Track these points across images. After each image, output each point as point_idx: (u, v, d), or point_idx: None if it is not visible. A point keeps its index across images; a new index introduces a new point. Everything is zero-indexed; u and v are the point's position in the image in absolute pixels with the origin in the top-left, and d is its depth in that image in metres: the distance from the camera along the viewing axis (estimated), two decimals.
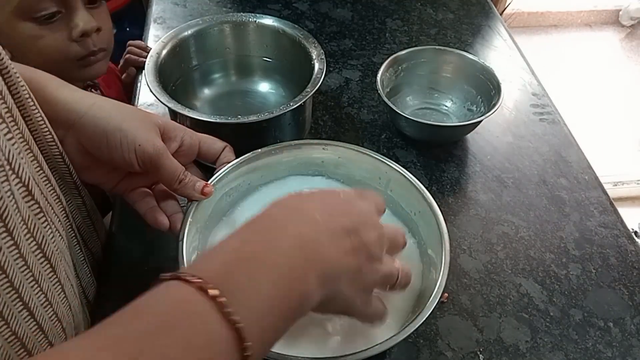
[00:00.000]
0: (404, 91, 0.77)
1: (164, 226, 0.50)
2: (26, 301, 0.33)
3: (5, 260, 0.31)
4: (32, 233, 0.34)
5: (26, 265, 0.33)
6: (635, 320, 0.56)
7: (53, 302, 0.37)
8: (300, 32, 0.69)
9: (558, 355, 0.53)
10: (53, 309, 0.37)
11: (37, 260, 0.35)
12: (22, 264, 0.33)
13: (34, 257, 0.35)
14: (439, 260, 0.47)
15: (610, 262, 0.61)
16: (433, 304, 0.43)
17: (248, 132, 0.61)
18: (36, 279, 0.34)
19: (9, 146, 0.32)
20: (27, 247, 0.34)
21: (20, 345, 0.33)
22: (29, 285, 0.33)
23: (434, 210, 0.50)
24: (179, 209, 0.51)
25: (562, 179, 0.70)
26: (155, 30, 0.89)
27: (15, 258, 0.32)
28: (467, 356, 0.52)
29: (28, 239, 0.34)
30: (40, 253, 0.36)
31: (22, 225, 0.33)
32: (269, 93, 0.76)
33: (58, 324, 0.38)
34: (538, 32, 2.53)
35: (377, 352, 0.41)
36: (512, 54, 0.90)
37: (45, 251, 0.36)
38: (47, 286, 0.36)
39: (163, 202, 0.52)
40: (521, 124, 0.77)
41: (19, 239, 0.32)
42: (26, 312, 0.33)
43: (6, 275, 0.31)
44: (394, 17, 0.95)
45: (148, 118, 0.49)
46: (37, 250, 0.35)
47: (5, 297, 0.31)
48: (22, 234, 0.33)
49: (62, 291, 0.39)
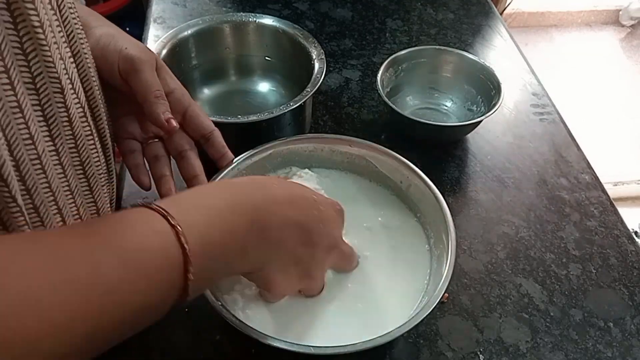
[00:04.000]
0: (404, 91, 0.77)
1: (144, 185, 0.49)
2: (60, 206, 0.35)
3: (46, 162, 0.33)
4: (78, 149, 0.36)
5: (64, 176, 0.35)
6: (635, 320, 0.56)
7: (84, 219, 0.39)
8: (300, 32, 0.69)
9: (558, 356, 0.53)
10: None
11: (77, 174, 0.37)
12: (60, 172, 0.35)
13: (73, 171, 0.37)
14: (444, 261, 0.47)
15: (610, 262, 0.61)
16: (433, 303, 0.43)
17: (248, 132, 0.61)
18: (72, 191, 0.36)
19: (71, 68, 0.35)
20: (70, 159, 0.36)
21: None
22: (64, 194, 0.36)
23: (446, 218, 0.50)
24: (167, 172, 0.50)
25: (562, 179, 0.70)
26: (155, 30, 0.89)
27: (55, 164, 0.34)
28: (467, 356, 0.52)
29: (72, 152, 0.36)
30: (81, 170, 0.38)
31: (70, 138, 0.36)
32: (269, 93, 0.76)
33: None
34: (538, 32, 2.53)
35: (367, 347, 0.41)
36: (512, 54, 0.90)
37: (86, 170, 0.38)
38: (81, 201, 0.38)
39: (152, 163, 0.51)
40: (521, 124, 0.77)
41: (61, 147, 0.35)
42: (59, 217, 0.36)
43: (45, 176, 0.33)
44: (394, 17, 0.95)
45: (147, 48, 0.48)
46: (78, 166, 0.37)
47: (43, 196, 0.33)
48: (67, 146, 0.36)
49: (96, 213, 0.41)
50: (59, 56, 0.33)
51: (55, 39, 0.33)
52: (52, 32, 0.32)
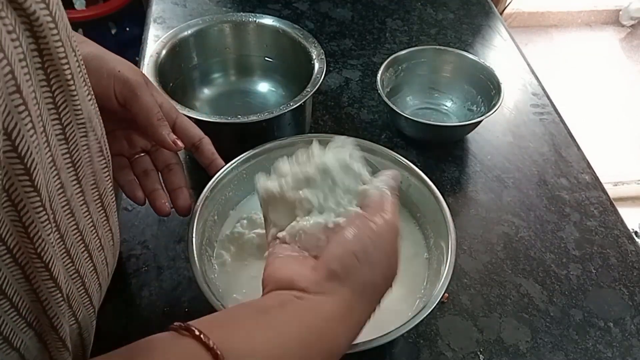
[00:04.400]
0: (404, 91, 0.77)
1: (139, 201, 0.50)
2: (87, 243, 0.35)
3: (74, 205, 0.32)
4: (97, 184, 0.36)
5: (88, 212, 0.35)
6: (635, 320, 0.56)
7: (105, 248, 0.39)
8: (300, 32, 0.69)
9: (558, 356, 0.53)
10: (104, 253, 0.39)
11: (97, 208, 0.37)
12: (85, 210, 0.35)
13: (94, 206, 0.36)
14: (444, 261, 0.47)
15: (610, 262, 0.61)
16: (433, 303, 0.43)
17: (248, 132, 0.61)
18: (95, 225, 0.36)
19: (89, 106, 0.34)
20: (91, 195, 0.36)
21: (80, 282, 0.35)
22: (89, 229, 0.35)
23: (446, 218, 0.50)
24: (158, 186, 0.51)
25: (562, 179, 0.70)
26: (155, 30, 0.89)
27: (81, 204, 0.34)
28: (467, 356, 0.52)
29: (93, 189, 0.36)
30: (99, 202, 0.37)
31: (91, 176, 0.35)
32: (269, 93, 0.76)
33: (106, 268, 0.40)
34: (538, 32, 2.53)
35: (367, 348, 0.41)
36: (512, 54, 0.90)
37: (104, 202, 0.38)
38: (102, 233, 0.38)
39: (142, 178, 0.51)
40: (521, 124, 0.77)
41: (85, 187, 0.34)
42: (87, 254, 0.35)
43: (74, 219, 0.33)
44: (394, 17, 0.95)
45: (132, 64, 0.48)
46: (97, 200, 0.37)
47: (72, 238, 0.33)
48: (89, 184, 0.35)
49: (111, 239, 0.40)
50: (87, 97, 0.33)
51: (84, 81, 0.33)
52: (81, 76, 0.32)
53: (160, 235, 0.60)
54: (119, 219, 0.61)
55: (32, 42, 0.26)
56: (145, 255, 0.59)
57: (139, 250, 0.59)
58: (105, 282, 0.41)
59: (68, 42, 0.30)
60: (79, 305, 0.36)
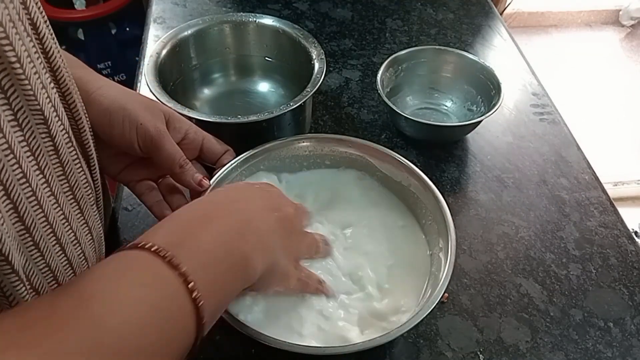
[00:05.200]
0: (404, 91, 0.77)
1: None
2: (59, 236, 0.35)
3: (40, 196, 0.33)
4: (66, 175, 0.36)
5: (58, 204, 0.35)
6: (635, 320, 0.56)
7: (82, 242, 0.39)
8: (300, 32, 0.69)
9: (558, 355, 0.53)
10: (81, 248, 0.39)
11: (68, 201, 0.37)
12: (54, 202, 0.35)
13: (65, 198, 0.37)
14: (444, 261, 0.47)
15: (610, 262, 0.61)
16: (433, 303, 0.44)
17: (248, 132, 0.61)
18: (67, 217, 0.36)
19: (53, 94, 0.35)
20: (60, 187, 0.36)
21: (52, 276, 0.35)
22: (61, 222, 0.35)
23: (446, 218, 0.50)
24: (185, 203, 0.52)
25: (562, 179, 0.70)
26: (155, 30, 0.89)
27: (48, 195, 0.34)
28: (467, 356, 0.52)
29: (61, 180, 0.36)
30: (71, 195, 0.38)
31: (57, 166, 0.35)
32: (269, 93, 0.76)
33: (85, 262, 0.40)
34: (538, 32, 2.53)
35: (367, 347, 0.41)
36: (512, 54, 0.90)
37: (76, 194, 0.38)
38: (76, 226, 0.38)
39: (169, 196, 0.53)
40: (521, 124, 0.77)
41: (50, 177, 0.34)
42: (58, 247, 0.35)
43: (42, 210, 0.33)
44: (394, 17, 0.95)
45: (153, 104, 0.50)
46: (68, 192, 0.37)
47: (42, 231, 0.33)
48: (56, 175, 0.35)
49: (89, 233, 0.41)
50: (40, 85, 0.32)
51: (35, 69, 0.32)
52: (31, 62, 0.31)
53: None
54: (119, 219, 0.62)
55: None
56: None
57: None
58: None
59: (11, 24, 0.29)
60: None
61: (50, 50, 0.36)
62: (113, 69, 1.55)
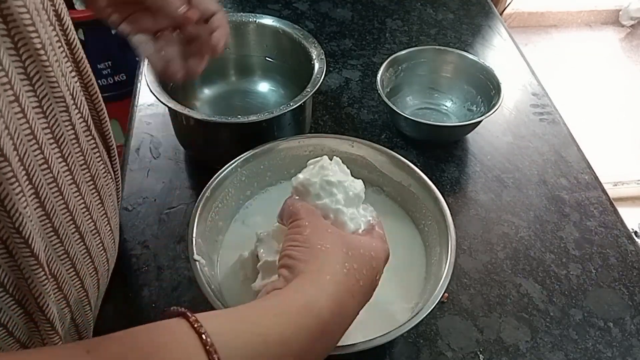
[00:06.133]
0: (404, 91, 0.77)
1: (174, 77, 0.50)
2: (78, 224, 0.35)
3: (62, 183, 0.32)
4: (87, 165, 0.36)
5: (79, 193, 0.35)
6: (635, 320, 0.56)
7: (101, 232, 0.39)
8: (300, 32, 0.69)
9: (558, 355, 0.53)
10: (100, 238, 0.38)
11: (90, 190, 0.37)
12: (75, 190, 0.34)
13: (86, 187, 0.36)
14: (444, 261, 0.47)
15: (610, 262, 0.61)
16: (433, 303, 0.44)
17: (248, 132, 0.61)
18: (87, 207, 0.36)
19: (72, 83, 0.35)
20: (82, 176, 0.36)
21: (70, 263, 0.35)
22: (81, 211, 0.35)
23: (446, 218, 0.50)
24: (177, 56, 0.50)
25: (562, 179, 0.70)
26: None
27: (70, 183, 0.34)
28: (467, 356, 0.52)
29: (83, 169, 0.36)
30: (92, 185, 0.37)
31: (79, 155, 0.35)
32: (269, 93, 0.76)
33: (104, 253, 0.39)
34: (538, 32, 2.53)
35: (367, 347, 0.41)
36: (512, 54, 0.90)
37: (97, 184, 0.38)
38: (97, 216, 0.38)
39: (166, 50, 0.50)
40: (521, 124, 0.77)
41: (73, 166, 0.34)
42: (77, 235, 0.35)
43: (62, 198, 0.32)
44: (394, 17, 0.95)
45: None
46: (90, 181, 0.37)
47: (61, 217, 0.33)
48: (78, 164, 0.35)
49: (108, 224, 0.40)
50: (60, 74, 0.33)
51: (56, 57, 0.33)
52: (53, 50, 0.32)
53: (160, 235, 0.60)
54: (119, 219, 0.62)
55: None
56: (145, 255, 0.59)
57: (139, 250, 0.59)
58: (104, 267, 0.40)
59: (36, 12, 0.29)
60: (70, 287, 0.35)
61: (74, 42, 0.37)
62: (113, 69, 1.55)
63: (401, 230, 0.55)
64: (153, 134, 0.72)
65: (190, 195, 0.65)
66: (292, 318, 0.32)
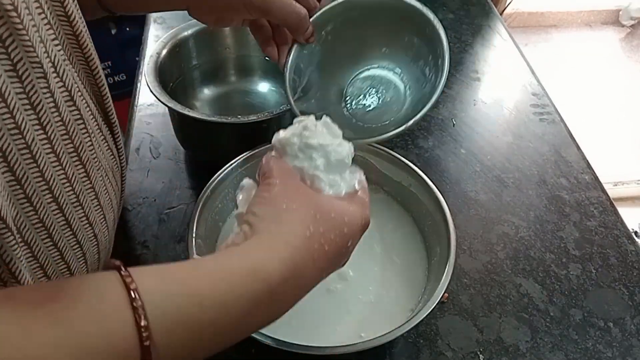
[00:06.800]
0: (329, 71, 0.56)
1: None
2: (55, 194, 0.34)
3: (36, 150, 0.31)
4: (69, 135, 0.35)
5: (59, 163, 0.34)
6: (635, 320, 0.56)
7: (85, 205, 0.37)
8: None
9: (558, 355, 0.53)
10: (84, 212, 0.37)
11: (73, 161, 0.36)
12: (54, 160, 0.34)
13: (69, 158, 0.35)
14: (444, 261, 0.47)
15: (610, 262, 0.61)
16: (433, 303, 0.44)
17: (248, 132, 0.61)
18: (69, 178, 0.35)
19: (55, 51, 0.34)
20: (64, 147, 0.35)
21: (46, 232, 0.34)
22: (60, 180, 0.34)
23: (446, 218, 0.50)
24: None
25: (562, 179, 0.70)
26: (155, 30, 0.89)
27: (48, 152, 0.33)
28: (467, 356, 0.52)
29: (65, 140, 0.35)
30: (76, 156, 0.36)
31: (60, 125, 0.34)
32: (269, 93, 0.76)
33: (89, 227, 0.38)
34: (538, 32, 2.53)
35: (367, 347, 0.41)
36: (512, 54, 0.90)
37: (81, 156, 0.37)
38: (80, 188, 0.37)
39: None
40: (521, 124, 0.77)
41: (53, 135, 0.33)
42: (55, 205, 0.34)
43: (36, 164, 0.32)
44: None
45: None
46: (73, 152, 0.36)
47: (35, 185, 0.32)
48: (59, 134, 0.34)
49: (95, 198, 0.39)
50: (39, 39, 0.32)
51: (34, 22, 0.32)
52: (29, 14, 0.31)
53: (160, 235, 0.60)
54: None
55: None
56: (145, 255, 0.59)
57: (139, 250, 0.59)
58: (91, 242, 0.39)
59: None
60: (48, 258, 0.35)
61: (72, 15, 0.36)
62: (113, 69, 1.55)
63: (401, 230, 0.55)
64: (153, 134, 0.72)
65: (190, 195, 0.65)
66: (235, 281, 0.31)
